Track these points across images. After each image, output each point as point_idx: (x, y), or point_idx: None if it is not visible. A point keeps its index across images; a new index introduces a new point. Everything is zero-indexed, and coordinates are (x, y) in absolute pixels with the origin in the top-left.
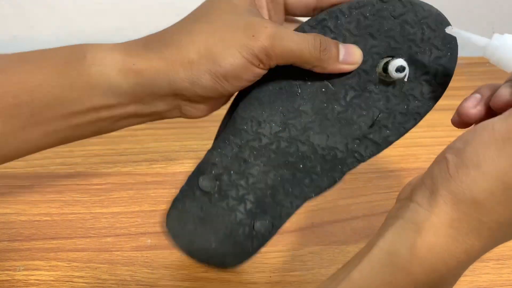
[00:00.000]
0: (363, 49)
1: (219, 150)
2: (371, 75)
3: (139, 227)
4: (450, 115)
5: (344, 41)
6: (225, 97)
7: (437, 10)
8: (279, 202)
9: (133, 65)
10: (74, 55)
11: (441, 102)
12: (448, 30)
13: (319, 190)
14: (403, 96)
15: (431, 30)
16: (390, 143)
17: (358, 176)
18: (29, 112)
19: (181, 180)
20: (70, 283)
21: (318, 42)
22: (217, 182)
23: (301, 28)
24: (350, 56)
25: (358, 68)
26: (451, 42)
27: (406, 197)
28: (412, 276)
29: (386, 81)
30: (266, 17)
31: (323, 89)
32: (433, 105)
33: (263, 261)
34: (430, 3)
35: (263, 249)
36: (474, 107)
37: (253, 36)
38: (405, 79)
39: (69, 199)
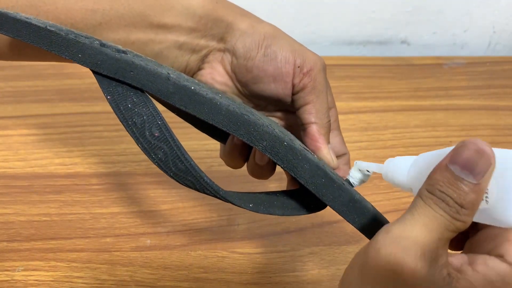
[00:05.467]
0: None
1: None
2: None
3: (138, 227)
4: (450, 115)
5: None
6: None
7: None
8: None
9: (216, 3)
10: None
11: (441, 102)
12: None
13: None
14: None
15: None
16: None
17: None
18: (100, 20)
19: None
20: (70, 283)
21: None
22: None
23: None
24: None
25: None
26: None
27: None
28: None
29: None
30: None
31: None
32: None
33: (263, 262)
34: None
35: (263, 249)
36: None
37: (298, 67)
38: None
39: (68, 199)
